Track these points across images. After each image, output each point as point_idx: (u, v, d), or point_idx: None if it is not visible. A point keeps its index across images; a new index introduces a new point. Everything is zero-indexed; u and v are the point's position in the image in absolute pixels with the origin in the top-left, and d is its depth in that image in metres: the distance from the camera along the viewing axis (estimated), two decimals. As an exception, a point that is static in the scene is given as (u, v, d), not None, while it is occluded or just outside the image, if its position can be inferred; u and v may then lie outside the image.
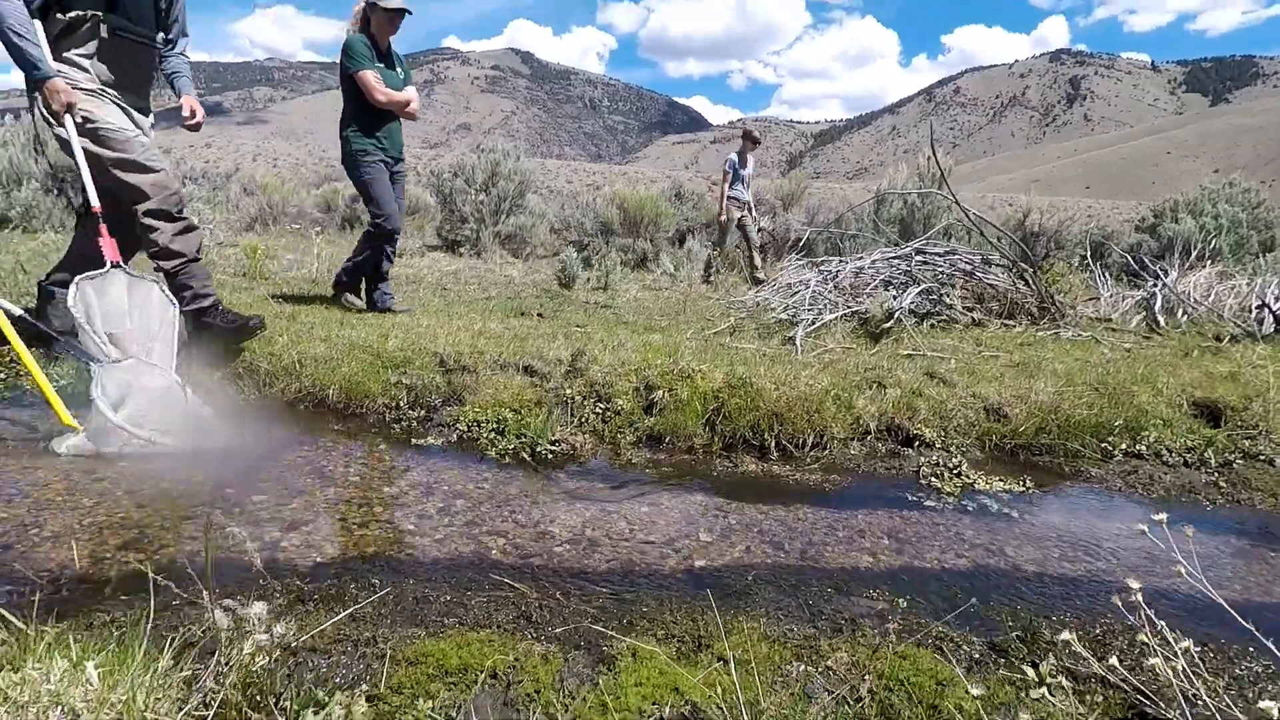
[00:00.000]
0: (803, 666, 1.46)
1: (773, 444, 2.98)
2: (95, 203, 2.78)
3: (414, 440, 2.85)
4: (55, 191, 7.82)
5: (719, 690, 1.30)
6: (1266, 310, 5.46)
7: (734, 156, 8.72)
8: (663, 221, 10.71)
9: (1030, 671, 1.43)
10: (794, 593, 1.88)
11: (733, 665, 1.32)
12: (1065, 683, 1.40)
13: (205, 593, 1.05)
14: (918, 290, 5.34)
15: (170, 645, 1.23)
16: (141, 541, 1.88)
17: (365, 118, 4.28)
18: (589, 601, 1.75)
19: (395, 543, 2.01)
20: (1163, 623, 1.09)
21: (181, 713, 1.04)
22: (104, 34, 2.83)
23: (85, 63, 2.85)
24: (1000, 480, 2.81)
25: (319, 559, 1.88)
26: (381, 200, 4.32)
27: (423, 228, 10.89)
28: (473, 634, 1.51)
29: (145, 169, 2.96)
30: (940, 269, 5.80)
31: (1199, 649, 1.69)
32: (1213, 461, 3.10)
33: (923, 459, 2.96)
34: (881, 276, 5.70)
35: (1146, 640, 1.00)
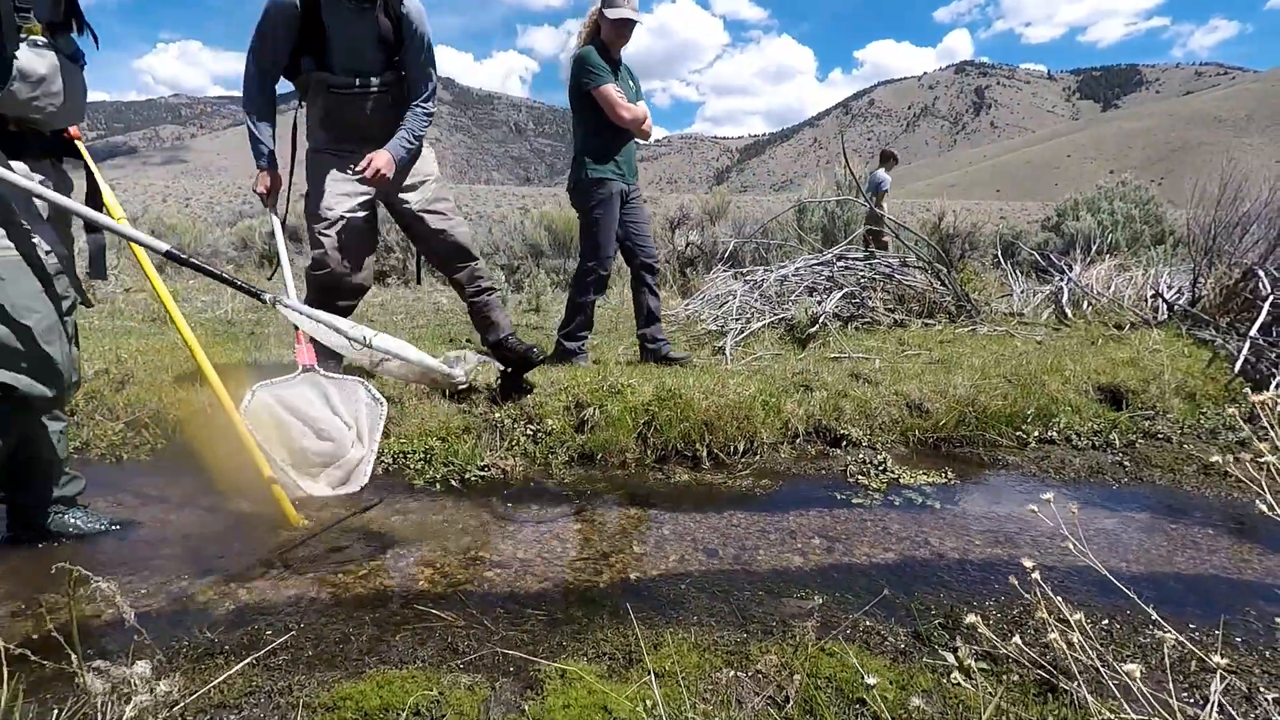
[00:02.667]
0: (732, 672, 1.46)
1: (704, 453, 3.00)
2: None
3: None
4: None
5: (647, 705, 1.29)
6: (1160, 299, 5.83)
7: (887, 175, 9.22)
8: (593, 241, 10.74)
9: (950, 657, 1.47)
10: (726, 598, 1.88)
11: (653, 679, 1.31)
12: (984, 665, 1.44)
13: (74, 656, 0.97)
14: (841, 294, 5.50)
15: (63, 714, 1.14)
16: (34, 608, 1.75)
17: (603, 139, 3.84)
18: (519, 626, 1.71)
19: (316, 583, 1.93)
20: (1059, 598, 1.14)
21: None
22: (325, 93, 2.91)
23: (319, 129, 2.99)
24: (924, 473, 2.90)
25: (232, 606, 1.78)
26: (604, 243, 3.87)
27: (347, 259, 10.62)
28: (395, 671, 1.46)
29: (315, 243, 3.01)
30: (862, 273, 5.98)
31: (1107, 621, 1.77)
32: (1117, 443, 3.28)
33: (850, 458, 3.02)
34: (806, 283, 5.85)
35: (1044, 617, 1.04)
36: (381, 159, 2.84)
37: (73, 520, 2.16)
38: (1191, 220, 6.40)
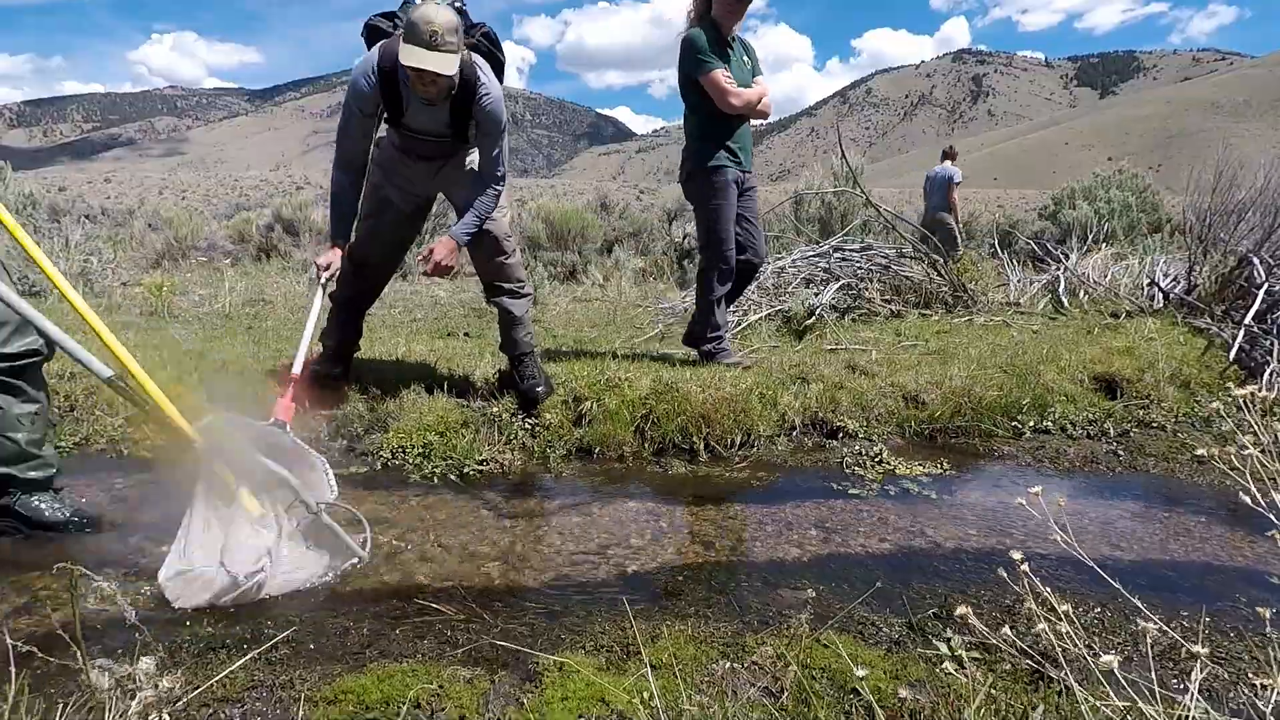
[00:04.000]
0: (728, 663, 1.48)
1: (701, 446, 3.02)
2: (296, 369, 2.69)
3: (336, 472, 2.76)
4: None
5: (644, 696, 1.31)
6: (1156, 287, 5.85)
7: (956, 170, 9.70)
8: (590, 233, 10.73)
9: (943, 647, 1.49)
10: (723, 590, 1.90)
11: (650, 671, 1.33)
12: (976, 654, 1.46)
13: (79, 653, 0.99)
14: (837, 286, 5.51)
15: (65, 711, 1.16)
16: (34, 607, 1.77)
17: (714, 126, 3.59)
18: (518, 619, 1.73)
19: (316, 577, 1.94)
20: (1053, 587, 1.15)
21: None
22: (400, 132, 2.96)
23: (391, 139, 3.04)
24: (920, 464, 2.92)
25: (234, 604, 1.80)
26: (725, 237, 3.63)
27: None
28: (395, 665, 1.48)
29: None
30: (858, 264, 5.99)
31: (1100, 609, 1.79)
32: (1112, 432, 3.30)
33: (846, 449, 3.04)
34: (802, 275, 5.85)
35: (1032, 607, 1.06)
36: (442, 250, 2.84)
37: (37, 503, 2.14)
38: (1187, 208, 6.40)
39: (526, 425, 3.08)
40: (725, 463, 2.96)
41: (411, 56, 2.49)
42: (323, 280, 2.89)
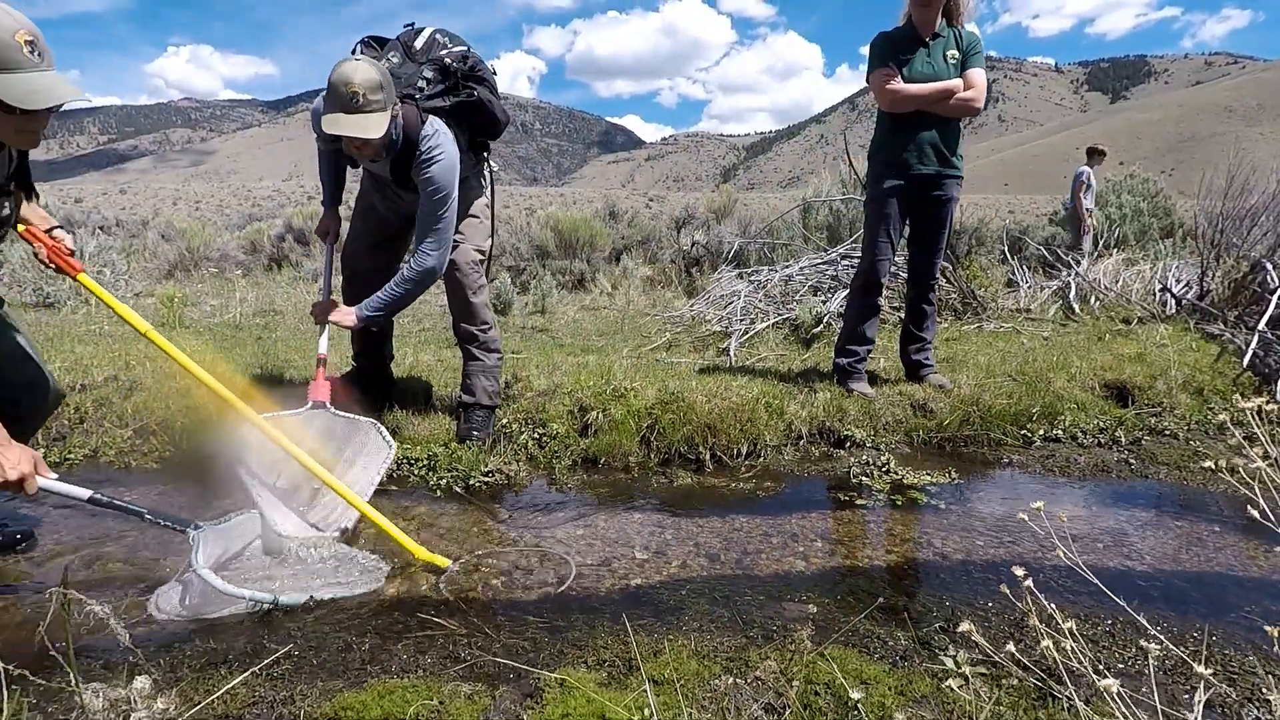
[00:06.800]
0: (731, 679, 1.46)
1: (707, 456, 3.00)
2: (323, 349, 2.78)
3: (342, 482, 2.76)
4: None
5: (644, 713, 1.30)
6: (1168, 293, 5.79)
7: (1089, 170, 9.77)
8: (598, 241, 10.75)
9: (949, 662, 1.47)
10: (727, 604, 1.88)
11: (650, 687, 1.31)
12: (983, 670, 1.44)
13: (71, 675, 0.99)
14: (845, 294, 5.48)
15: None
16: (30, 629, 1.77)
17: (885, 127, 3.45)
18: (520, 634, 1.72)
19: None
20: (1063, 600, 1.13)
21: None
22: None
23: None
24: (927, 473, 2.89)
25: (236, 615, 1.80)
26: (872, 244, 3.47)
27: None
28: (396, 680, 1.47)
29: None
30: (866, 272, 5.96)
31: (1110, 622, 1.76)
32: (1123, 440, 3.26)
33: (853, 459, 3.02)
34: (810, 283, 5.84)
35: (1036, 624, 1.05)
36: (340, 313, 2.81)
37: None
38: (1199, 213, 6.34)
39: (534, 435, 3.07)
40: (731, 473, 2.94)
41: (333, 124, 2.38)
42: (331, 245, 3.08)
